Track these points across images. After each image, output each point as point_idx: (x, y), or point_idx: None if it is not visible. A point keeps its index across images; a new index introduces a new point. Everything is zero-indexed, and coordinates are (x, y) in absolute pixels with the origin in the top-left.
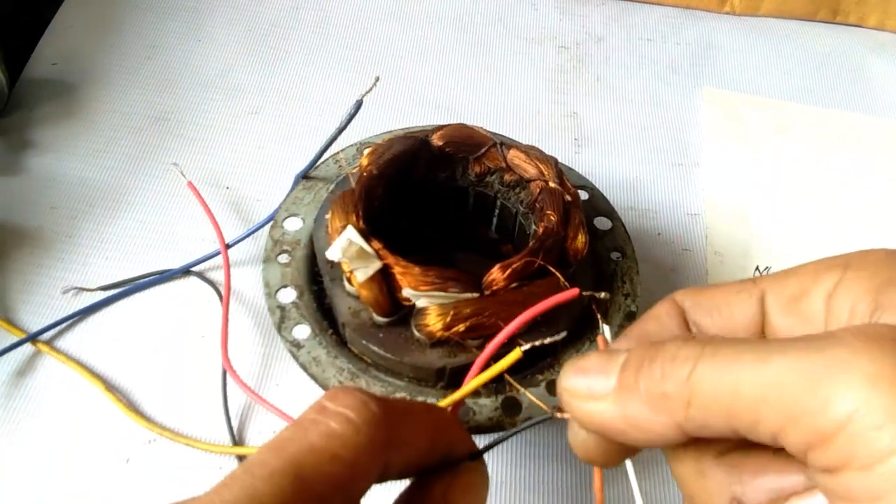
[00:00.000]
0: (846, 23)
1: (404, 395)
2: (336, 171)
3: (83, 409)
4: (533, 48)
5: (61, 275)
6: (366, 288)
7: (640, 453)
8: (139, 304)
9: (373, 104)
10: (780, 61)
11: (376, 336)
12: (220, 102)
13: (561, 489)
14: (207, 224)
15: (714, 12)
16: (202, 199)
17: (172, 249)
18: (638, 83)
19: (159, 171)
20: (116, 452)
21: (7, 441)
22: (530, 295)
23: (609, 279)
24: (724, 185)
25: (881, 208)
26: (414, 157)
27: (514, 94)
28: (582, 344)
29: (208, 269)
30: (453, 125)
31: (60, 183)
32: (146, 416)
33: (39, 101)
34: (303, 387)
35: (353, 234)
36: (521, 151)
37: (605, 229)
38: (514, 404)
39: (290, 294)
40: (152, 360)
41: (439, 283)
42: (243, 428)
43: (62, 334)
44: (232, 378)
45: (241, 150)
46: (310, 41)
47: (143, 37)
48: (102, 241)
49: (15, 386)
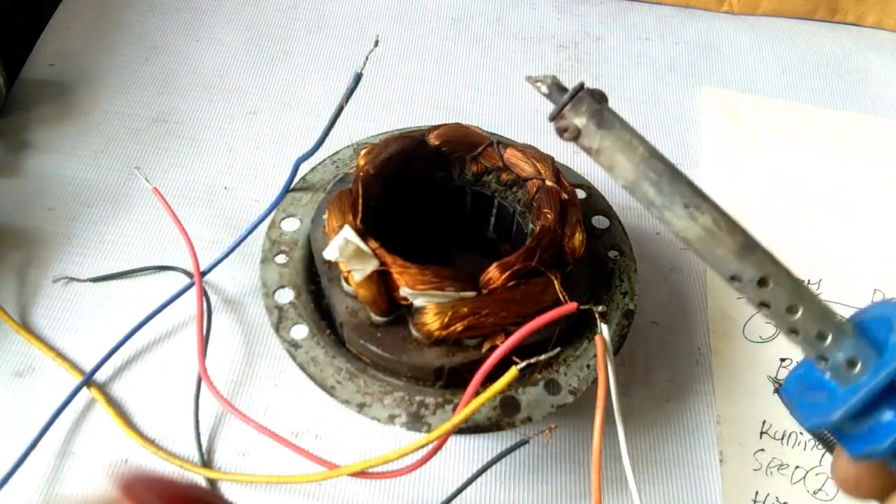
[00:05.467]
0: (844, 21)
1: (402, 394)
2: (333, 172)
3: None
4: (531, 47)
5: (59, 276)
6: (363, 287)
7: (639, 454)
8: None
9: (370, 103)
10: (779, 60)
11: (374, 335)
12: (218, 103)
13: (561, 489)
14: (207, 225)
15: (713, 11)
16: (168, 205)
17: (172, 250)
18: (636, 82)
19: (158, 172)
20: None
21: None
22: (528, 293)
23: (607, 278)
24: (723, 183)
25: (880, 206)
26: (411, 156)
27: (513, 93)
28: (580, 343)
29: (209, 270)
30: (450, 124)
31: (58, 184)
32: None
33: (37, 102)
34: (303, 387)
35: (350, 234)
36: (517, 150)
37: (603, 228)
38: (512, 404)
39: (287, 294)
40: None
41: (437, 283)
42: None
43: (62, 334)
44: (207, 387)
45: (239, 151)
46: (308, 41)
47: (142, 38)
48: (101, 242)
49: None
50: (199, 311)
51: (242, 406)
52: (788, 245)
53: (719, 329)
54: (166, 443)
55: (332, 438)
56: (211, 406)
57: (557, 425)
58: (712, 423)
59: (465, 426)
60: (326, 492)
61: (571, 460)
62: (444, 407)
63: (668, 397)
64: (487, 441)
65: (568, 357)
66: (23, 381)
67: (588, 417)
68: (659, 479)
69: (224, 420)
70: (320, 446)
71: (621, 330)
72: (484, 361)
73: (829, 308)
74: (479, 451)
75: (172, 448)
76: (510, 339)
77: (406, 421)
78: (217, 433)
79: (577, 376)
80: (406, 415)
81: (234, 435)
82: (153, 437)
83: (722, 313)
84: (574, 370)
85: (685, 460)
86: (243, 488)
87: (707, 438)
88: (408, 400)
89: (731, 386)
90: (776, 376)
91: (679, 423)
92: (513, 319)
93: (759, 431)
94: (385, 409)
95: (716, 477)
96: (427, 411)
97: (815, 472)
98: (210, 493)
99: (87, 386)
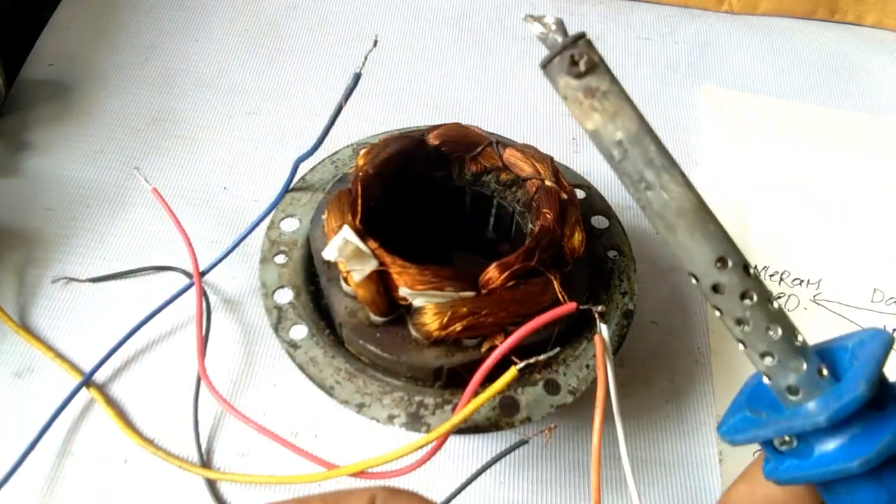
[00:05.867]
0: (844, 21)
1: (402, 394)
2: (333, 172)
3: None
4: (530, 47)
5: (58, 276)
6: (362, 287)
7: (639, 454)
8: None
9: (369, 103)
10: (779, 60)
11: (373, 336)
12: (217, 103)
13: (561, 489)
14: (206, 225)
15: (712, 11)
16: (167, 205)
17: (172, 250)
18: (636, 82)
19: (158, 172)
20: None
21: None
22: (527, 293)
23: (607, 277)
24: (722, 183)
25: (879, 206)
26: (410, 156)
27: (513, 93)
28: (580, 342)
29: (208, 270)
30: (449, 124)
31: (58, 184)
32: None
33: (36, 102)
34: (302, 387)
35: (349, 234)
36: (517, 150)
37: (603, 228)
38: (512, 404)
39: (286, 294)
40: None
41: (436, 283)
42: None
43: (61, 334)
44: (206, 387)
45: (238, 151)
46: (307, 41)
47: (141, 37)
48: (100, 243)
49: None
50: (199, 312)
51: (242, 406)
52: (788, 245)
53: (719, 329)
54: (165, 443)
55: (331, 438)
56: (210, 406)
57: (557, 425)
58: (712, 423)
59: (465, 426)
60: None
61: (571, 460)
62: (443, 407)
63: (668, 397)
64: (487, 441)
65: (567, 357)
66: (22, 382)
67: (587, 417)
68: (659, 478)
69: (223, 420)
70: (319, 446)
71: (621, 330)
72: (483, 361)
73: (791, 326)
74: (478, 451)
75: (172, 448)
76: (509, 339)
77: (405, 421)
78: (216, 433)
79: (577, 376)
80: (405, 415)
81: (234, 435)
82: (152, 437)
83: None
84: (573, 370)
85: (685, 460)
86: (243, 488)
87: (707, 438)
88: (407, 400)
89: (731, 386)
90: None
91: (679, 423)
92: (512, 319)
93: None
94: (384, 409)
95: (716, 477)
96: (426, 411)
97: None
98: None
99: (86, 386)
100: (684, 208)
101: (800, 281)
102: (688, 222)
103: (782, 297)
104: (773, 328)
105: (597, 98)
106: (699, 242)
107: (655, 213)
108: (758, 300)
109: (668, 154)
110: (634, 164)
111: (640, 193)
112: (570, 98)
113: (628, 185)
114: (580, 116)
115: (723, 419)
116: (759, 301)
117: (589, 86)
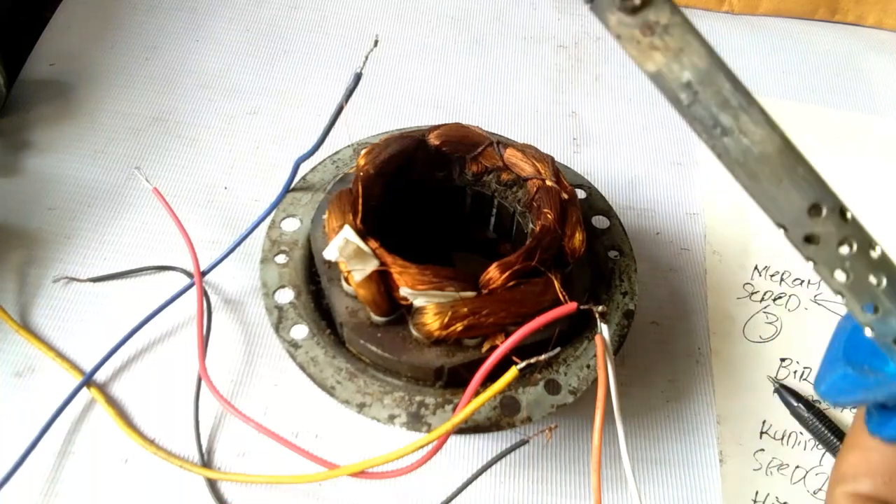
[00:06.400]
0: (845, 21)
1: (402, 394)
2: (333, 172)
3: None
4: (531, 47)
5: (59, 276)
6: (363, 287)
7: (639, 454)
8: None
9: (370, 103)
10: (779, 60)
11: (374, 335)
12: (218, 102)
13: (561, 489)
14: (207, 225)
15: (713, 11)
16: (168, 205)
17: (172, 250)
18: (637, 82)
19: (158, 172)
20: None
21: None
22: (528, 293)
23: (607, 277)
24: (724, 184)
25: (878, 206)
26: (411, 156)
27: (513, 93)
28: (580, 342)
29: (209, 270)
30: (450, 124)
31: (59, 184)
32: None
33: (37, 101)
34: (303, 387)
35: (350, 234)
36: (517, 150)
37: (603, 228)
38: (512, 404)
39: (287, 294)
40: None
41: (437, 283)
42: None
43: (62, 334)
44: (207, 387)
45: (238, 151)
46: (308, 41)
47: (142, 37)
48: (101, 243)
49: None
50: (199, 311)
51: (242, 406)
52: (789, 245)
53: (719, 329)
54: (166, 443)
55: (331, 438)
56: (211, 406)
57: (557, 425)
58: (712, 422)
59: (465, 426)
60: (326, 492)
61: (571, 460)
62: (444, 407)
63: (668, 397)
64: (487, 441)
65: (568, 357)
66: (23, 382)
67: (588, 417)
68: (659, 478)
69: (224, 420)
70: (320, 446)
71: (621, 330)
72: (484, 361)
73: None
74: (479, 451)
75: (172, 448)
76: (510, 339)
77: (406, 421)
78: (217, 433)
79: (577, 376)
80: (406, 415)
81: (234, 435)
82: (153, 437)
83: (722, 313)
84: (574, 370)
85: (685, 460)
86: (243, 488)
87: (707, 438)
88: (408, 400)
89: (730, 386)
90: (776, 376)
91: (679, 422)
92: (513, 319)
93: (759, 431)
94: (385, 409)
95: (716, 477)
96: (427, 411)
97: (815, 472)
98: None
99: (87, 386)
100: (768, 153)
101: (800, 281)
102: (773, 168)
103: (783, 297)
104: (877, 276)
105: (657, 34)
106: (788, 190)
107: (734, 162)
108: (858, 248)
109: (746, 91)
110: (706, 107)
111: (715, 140)
112: (625, 37)
113: (700, 132)
114: (638, 57)
115: (819, 374)
116: (860, 248)
117: (646, 21)
